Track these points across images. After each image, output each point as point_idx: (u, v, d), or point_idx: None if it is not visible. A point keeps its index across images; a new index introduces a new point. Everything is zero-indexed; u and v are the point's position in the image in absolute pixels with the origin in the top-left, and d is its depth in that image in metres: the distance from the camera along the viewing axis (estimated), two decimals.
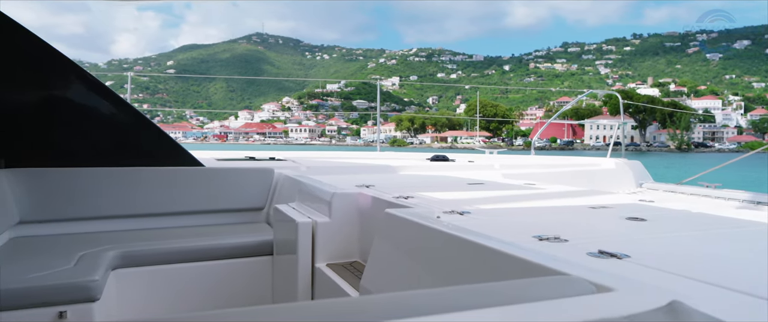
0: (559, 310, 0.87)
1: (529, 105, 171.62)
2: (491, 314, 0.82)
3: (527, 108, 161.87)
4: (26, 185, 3.23)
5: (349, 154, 6.13)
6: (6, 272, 2.49)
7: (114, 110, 3.58)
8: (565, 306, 0.89)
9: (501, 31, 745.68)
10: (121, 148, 3.61)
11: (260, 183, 3.82)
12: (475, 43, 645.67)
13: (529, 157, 5.60)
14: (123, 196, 3.48)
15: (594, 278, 1.04)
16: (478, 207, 2.17)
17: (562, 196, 2.80)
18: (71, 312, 2.40)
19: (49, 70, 3.42)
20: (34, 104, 3.41)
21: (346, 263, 2.58)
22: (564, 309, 0.87)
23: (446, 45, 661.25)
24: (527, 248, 1.38)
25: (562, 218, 1.98)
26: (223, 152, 5.19)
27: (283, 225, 2.89)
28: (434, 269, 1.60)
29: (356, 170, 4.31)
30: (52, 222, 3.30)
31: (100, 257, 2.79)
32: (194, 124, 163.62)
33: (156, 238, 3.19)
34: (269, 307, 0.85)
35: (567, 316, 0.84)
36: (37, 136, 3.41)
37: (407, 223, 1.79)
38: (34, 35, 3.33)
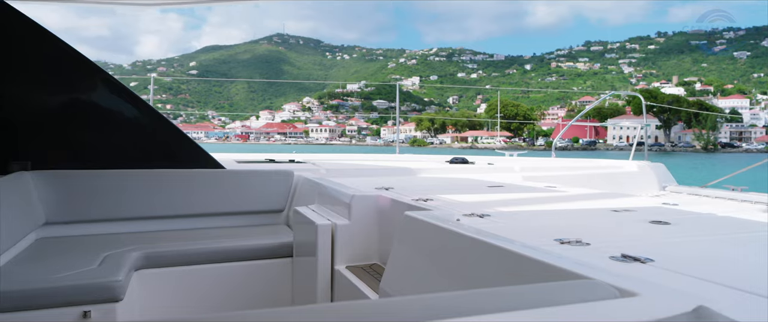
0: (583, 314, 0.85)
1: (551, 105, 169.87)
2: (513, 318, 0.81)
3: (549, 108, 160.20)
4: (52, 187, 3.30)
5: (368, 156, 6.14)
6: (32, 272, 2.55)
7: (137, 113, 3.64)
8: (589, 311, 0.87)
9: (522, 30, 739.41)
10: (144, 151, 3.67)
11: (280, 185, 3.85)
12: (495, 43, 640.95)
13: (549, 160, 5.55)
14: (145, 197, 3.53)
15: (617, 283, 1.02)
16: (498, 210, 2.15)
17: (584, 199, 2.76)
18: (95, 312, 2.45)
19: (74, 74, 3.49)
20: (59, 107, 3.49)
21: (365, 266, 2.58)
22: (587, 314, 0.85)
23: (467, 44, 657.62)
24: (549, 251, 1.36)
25: (583, 222, 1.95)
26: (243, 155, 5.23)
27: (303, 227, 2.91)
28: (454, 272, 1.59)
29: (375, 173, 4.31)
30: (77, 223, 3.37)
31: (124, 257, 2.82)
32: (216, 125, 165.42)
33: (178, 239, 3.23)
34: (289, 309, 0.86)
35: (591, 321, 0.83)
36: (63, 139, 3.49)
37: (427, 226, 1.79)
38: (59, 40, 3.41)
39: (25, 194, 3.15)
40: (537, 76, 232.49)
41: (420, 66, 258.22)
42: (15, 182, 3.08)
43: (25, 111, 3.38)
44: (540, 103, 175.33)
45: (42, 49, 3.39)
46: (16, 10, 3.29)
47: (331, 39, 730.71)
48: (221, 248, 3.17)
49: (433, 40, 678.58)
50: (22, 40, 3.32)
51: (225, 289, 3.13)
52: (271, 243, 3.27)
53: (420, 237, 1.83)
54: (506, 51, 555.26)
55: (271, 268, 3.22)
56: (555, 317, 0.83)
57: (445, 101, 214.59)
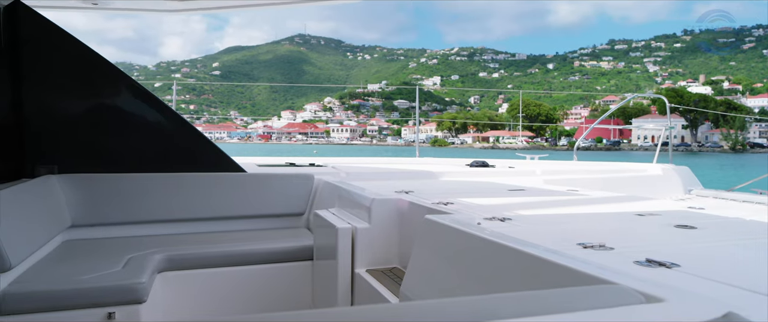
0: (608, 320, 0.84)
1: (574, 104, 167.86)
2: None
3: (572, 107, 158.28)
4: (78, 190, 3.37)
5: (388, 160, 6.14)
6: (59, 274, 2.60)
7: (160, 117, 3.69)
8: (615, 316, 0.85)
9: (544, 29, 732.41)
10: (167, 155, 3.73)
11: (300, 189, 3.88)
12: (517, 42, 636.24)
13: (571, 163, 5.48)
14: (168, 201, 3.59)
15: (643, 288, 1.01)
16: (519, 213, 2.13)
17: (607, 202, 2.75)
18: (120, 313, 2.48)
19: (99, 79, 3.57)
20: (84, 112, 3.56)
21: (385, 269, 2.58)
22: (612, 320, 0.84)
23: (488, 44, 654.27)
24: (572, 256, 1.34)
25: (607, 226, 1.92)
26: (264, 158, 5.28)
27: (323, 230, 2.93)
28: (475, 276, 1.58)
29: (395, 176, 4.31)
30: (101, 226, 3.44)
31: (147, 260, 2.85)
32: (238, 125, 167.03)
33: (200, 242, 3.28)
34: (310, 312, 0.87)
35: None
36: (88, 143, 3.56)
37: (447, 229, 1.78)
38: (85, 45, 3.48)
39: (52, 197, 3.23)
40: (560, 76, 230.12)
41: (441, 66, 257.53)
42: (42, 185, 3.16)
43: (52, 116, 3.46)
44: (563, 102, 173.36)
45: (68, 55, 3.47)
46: (42, 16, 3.38)
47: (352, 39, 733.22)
48: (242, 251, 3.20)
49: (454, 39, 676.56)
50: (48, 46, 3.40)
51: (246, 292, 3.17)
52: (291, 246, 3.30)
53: (440, 241, 1.82)
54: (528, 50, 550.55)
55: (292, 271, 3.25)
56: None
57: (467, 101, 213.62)
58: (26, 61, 3.34)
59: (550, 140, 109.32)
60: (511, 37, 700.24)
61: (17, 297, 2.36)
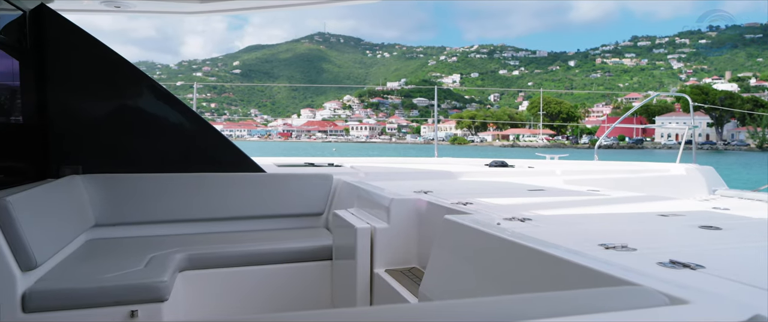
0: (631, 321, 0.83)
1: (596, 102, 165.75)
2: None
3: (593, 105, 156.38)
4: (101, 190, 3.44)
5: (407, 159, 6.14)
6: (82, 272, 2.65)
7: (181, 118, 3.74)
8: (638, 318, 0.84)
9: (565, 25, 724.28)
10: (188, 155, 3.78)
11: (319, 189, 3.89)
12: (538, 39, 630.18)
13: (592, 163, 5.41)
14: (189, 201, 3.63)
15: (667, 290, 0.99)
16: (539, 214, 2.11)
17: (629, 202, 2.72)
18: (142, 311, 2.53)
19: (121, 80, 3.63)
20: (108, 114, 3.63)
21: (404, 269, 2.58)
22: (636, 321, 0.83)
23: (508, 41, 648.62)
24: (593, 256, 1.33)
25: (629, 226, 1.89)
26: (283, 159, 5.32)
27: (342, 230, 2.94)
28: (495, 277, 1.57)
29: (414, 176, 4.31)
30: (124, 225, 3.50)
31: (169, 259, 2.89)
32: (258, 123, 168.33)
33: (220, 241, 3.31)
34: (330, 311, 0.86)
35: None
36: (111, 144, 3.62)
37: (467, 229, 1.77)
38: (107, 48, 3.54)
39: (76, 197, 3.29)
40: (581, 73, 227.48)
41: (460, 63, 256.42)
42: (67, 185, 3.22)
43: (76, 117, 3.53)
44: (584, 100, 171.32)
45: (91, 57, 3.53)
46: (66, 19, 3.44)
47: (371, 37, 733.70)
48: (262, 251, 3.23)
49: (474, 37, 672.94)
50: (72, 48, 3.47)
51: (266, 291, 3.19)
52: (310, 246, 3.32)
53: (460, 241, 1.82)
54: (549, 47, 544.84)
55: (311, 270, 3.27)
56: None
57: (486, 99, 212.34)
58: (51, 64, 3.41)
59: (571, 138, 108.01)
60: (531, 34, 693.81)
61: (43, 295, 2.42)
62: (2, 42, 3.01)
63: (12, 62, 3.16)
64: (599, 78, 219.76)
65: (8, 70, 3.14)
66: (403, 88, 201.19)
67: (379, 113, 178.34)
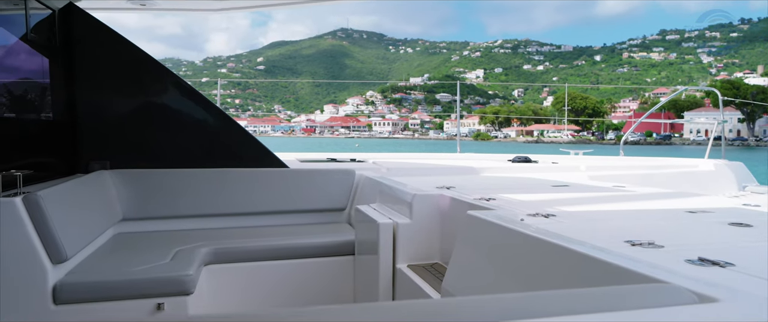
0: (659, 320, 0.81)
1: (622, 97, 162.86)
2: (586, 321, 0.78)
3: (620, 100, 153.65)
4: (128, 185, 3.51)
5: (429, 155, 6.13)
6: (111, 266, 2.72)
7: (206, 115, 3.80)
8: (666, 316, 0.83)
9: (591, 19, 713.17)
10: (212, 151, 3.83)
11: (342, 184, 3.91)
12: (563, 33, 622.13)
13: (617, 159, 5.33)
14: (213, 195, 3.69)
15: (696, 287, 0.97)
16: (563, 210, 2.09)
17: (656, 198, 2.67)
18: (168, 304, 2.57)
19: (148, 77, 3.69)
20: (134, 110, 3.70)
21: (426, 265, 2.58)
22: (664, 319, 0.82)
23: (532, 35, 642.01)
24: (619, 253, 1.31)
25: (656, 223, 1.86)
26: (306, 154, 5.35)
27: (365, 226, 2.95)
28: (518, 273, 1.55)
29: (436, 172, 4.30)
30: (150, 219, 3.57)
31: (194, 253, 2.93)
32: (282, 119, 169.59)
33: (244, 236, 3.35)
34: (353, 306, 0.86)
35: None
36: (138, 139, 3.69)
37: (490, 225, 1.76)
38: (134, 45, 3.61)
39: (105, 191, 3.36)
40: (607, 68, 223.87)
41: (484, 58, 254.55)
42: (96, 180, 3.29)
43: (104, 113, 3.61)
44: (610, 95, 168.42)
45: (118, 55, 3.60)
46: (93, 17, 3.51)
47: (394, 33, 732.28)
48: (285, 246, 3.26)
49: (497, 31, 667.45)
50: (100, 46, 3.54)
51: (289, 285, 3.22)
52: (333, 241, 3.33)
53: (483, 237, 1.81)
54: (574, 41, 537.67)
55: (334, 265, 3.28)
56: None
57: (510, 94, 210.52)
58: (79, 61, 3.49)
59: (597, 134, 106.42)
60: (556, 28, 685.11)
61: (72, 287, 2.47)
62: (33, 40, 3.09)
63: (42, 60, 3.24)
64: (626, 73, 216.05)
65: (39, 68, 3.22)
66: (425, 84, 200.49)
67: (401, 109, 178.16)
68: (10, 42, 2.92)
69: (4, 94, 2.90)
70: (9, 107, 2.95)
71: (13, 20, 2.91)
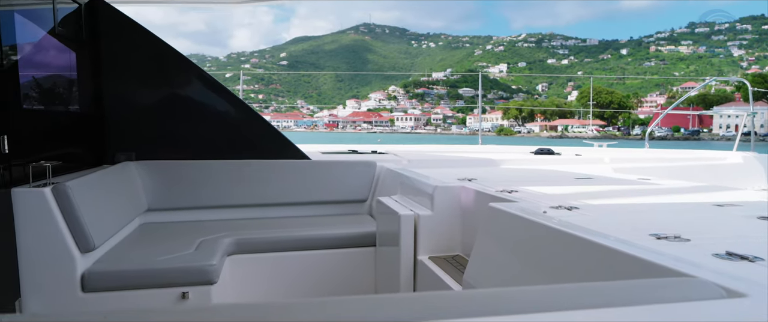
0: (687, 314, 0.79)
1: (649, 91, 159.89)
2: (608, 315, 0.77)
3: (647, 95, 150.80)
4: (153, 176, 3.57)
5: (451, 147, 6.09)
6: (137, 255, 2.78)
7: (229, 107, 3.84)
8: (693, 310, 0.81)
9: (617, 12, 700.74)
10: (235, 142, 3.87)
11: (363, 176, 3.92)
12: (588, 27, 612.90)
13: (642, 151, 5.23)
14: (236, 186, 3.73)
15: (723, 282, 0.95)
16: (587, 202, 2.06)
17: (682, 191, 2.64)
18: (193, 293, 2.63)
19: (172, 70, 3.75)
20: (159, 102, 3.76)
21: (448, 257, 2.59)
22: (691, 314, 0.80)
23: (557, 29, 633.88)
24: (644, 246, 1.29)
25: (682, 216, 1.82)
26: (327, 146, 5.37)
27: (386, 217, 2.95)
28: (541, 266, 1.54)
29: (458, 164, 4.28)
30: (174, 210, 3.63)
31: (217, 243, 2.98)
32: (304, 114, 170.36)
33: (266, 227, 3.39)
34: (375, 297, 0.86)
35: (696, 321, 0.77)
36: (162, 131, 3.75)
37: (512, 217, 1.75)
38: (158, 39, 3.66)
39: (131, 182, 3.43)
40: (634, 62, 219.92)
41: (507, 53, 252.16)
42: (122, 171, 3.36)
43: (129, 105, 3.68)
44: (637, 89, 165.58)
45: (143, 48, 3.66)
46: (118, 11, 3.57)
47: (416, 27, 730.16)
48: (307, 237, 3.29)
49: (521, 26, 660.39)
50: (125, 39, 3.61)
51: (311, 276, 3.25)
52: (354, 232, 3.35)
53: (505, 229, 1.80)
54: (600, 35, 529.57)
55: (355, 256, 3.30)
56: (657, 316, 0.78)
57: (534, 89, 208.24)
58: (105, 54, 3.56)
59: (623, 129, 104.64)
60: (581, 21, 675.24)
61: (100, 276, 2.54)
62: (60, 34, 3.15)
63: (70, 54, 3.30)
64: (653, 67, 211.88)
65: (66, 62, 3.29)
66: (448, 79, 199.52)
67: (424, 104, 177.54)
68: (39, 36, 2.97)
69: (33, 88, 2.93)
70: (38, 100, 3.02)
71: (41, 15, 2.97)
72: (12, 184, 2.47)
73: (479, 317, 0.76)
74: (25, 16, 2.77)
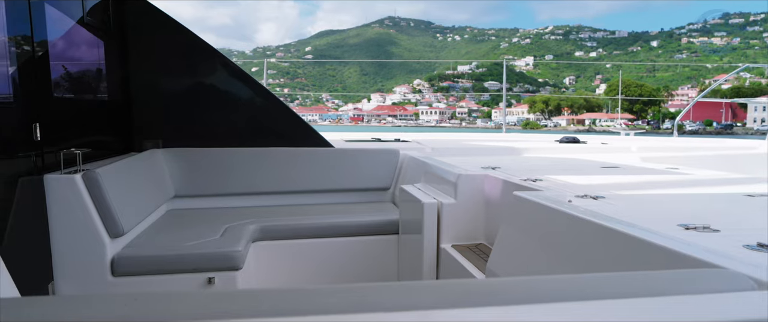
0: (715, 306, 0.77)
1: (681, 84, 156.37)
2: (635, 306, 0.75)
3: (677, 88, 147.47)
4: (179, 163, 3.64)
5: (474, 136, 6.05)
6: (164, 241, 2.83)
7: (254, 95, 3.88)
8: (723, 302, 0.79)
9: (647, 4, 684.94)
10: (259, 130, 3.92)
11: (386, 164, 3.92)
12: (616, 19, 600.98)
13: (670, 140, 5.11)
14: (261, 174, 3.77)
15: (754, 273, 0.93)
16: (613, 192, 2.03)
17: (712, 181, 2.60)
18: (219, 278, 2.68)
19: (198, 59, 3.79)
20: (185, 90, 3.81)
21: (471, 245, 2.59)
22: (720, 305, 0.77)
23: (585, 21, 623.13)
24: (672, 236, 1.26)
25: (712, 206, 1.78)
26: (351, 134, 5.39)
27: (409, 205, 2.95)
28: (566, 256, 1.53)
29: (481, 152, 4.25)
30: (200, 197, 3.69)
31: (243, 229, 3.02)
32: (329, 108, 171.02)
33: (290, 214, 3.42)
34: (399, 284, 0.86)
35: (725, 313, 0.75)
36: (188, 119, 3.81)
37: (537, 206, 1.74)
38: (185, 28, 3.71)
39: (158, 169, 3.49)
40: (665, 54, 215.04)
41: (534, 46, 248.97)
42: (149, 158, 3.42)
43: (156, 94, 3.74)
44: (668, 82, 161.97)
45: (169, 37, 3.71)
46: (148, 2, 3.63)
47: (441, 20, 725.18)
48: (330, 224, 3.30)
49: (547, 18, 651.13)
50: (152, 29, 3.67)
51: (334, 263, 3.27)
52: (377, 220, 3.35)
53: (529, 218, 1.79)
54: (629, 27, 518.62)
55: (378, 244, 3.30)
56: (685, 308, 0.75)
57: (561, 82, 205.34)
58: (132, 43, 3.62)
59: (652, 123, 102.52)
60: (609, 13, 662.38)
61: (128, 261, 2.59)
62: (89, 24, 3.21)
63: (98, 43, 3.37)
64: (685, 59, 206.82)
65: (95, 51, 3.35)
66: (473, 72, 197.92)
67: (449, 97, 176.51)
68: (69, 26, 3.03)
69: (64, 77, 2.99)
70: (69, 89, 3.08)
71: (71, 5, 3.03)
72: (44, 170, 2.53)
73: (504, 305, 0.75)
74: (56, 6, 2.81)
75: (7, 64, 2.30)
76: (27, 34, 2.47)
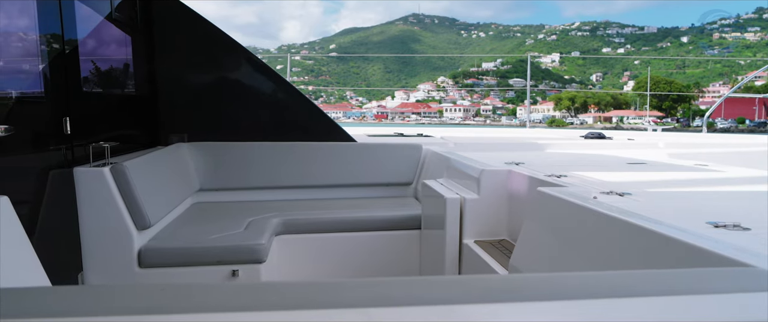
0: (744, 305, 0.76)
1: (712, 81, 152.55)
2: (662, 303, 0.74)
3: (709, 85, 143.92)
4: (204, 157, 3.68)
5: (498, 131, 5.99)
6: (189, 233, 2.87)
7: (277, 90, 3.91)
8: (752, 301, 0.77)
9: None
10: (283, 125, 3.95)
11: (409, 159, 3.91)
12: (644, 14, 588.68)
13: (699, 136, 4.98)
14: (284, 168, 3.80)
15: None
16: (639, 189, 2.00)
17: (742, 179, 2.56)
18: (243, 271, 2.72)
19: (222, 54, 3.84)
20: (210, 85, 3.86)
21: (494, 241, 2.58)
22: (750, 304, 0.76)
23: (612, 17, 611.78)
24: (700, 234, 1.24)
25: (742, 204, 1.74)
26: (374, 129, 5.39)
27: (432, 200, 2.94)
28: (590, 253, 1.51)
29: (505, 148, 4.21)
30: (224, 190, 3.73)
31: (266, 223, 3.05)
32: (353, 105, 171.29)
33: (313, 208, 3.44)
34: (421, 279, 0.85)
35: (755, 313, 0.73)
36: (213, 113, 3.86)
37: (561, 202, 1.72)
38: (210, 24, 3.75)
39: (183, 163, 3.54)
40: (695, 50, 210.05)
41: (560, 42, 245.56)
42: (175, 152, 3.47)
43: (182, 89, 3.80)
44: (699, 79, 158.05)
45: (195, 33, 3.76)
46: (178, 0, 3.68)
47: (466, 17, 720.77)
48: (353, 218, 3.31)
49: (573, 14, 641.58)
50: (178, 24, 3.72)
51: (356, 257, 3.27)
52: (399, 215, 3.35)
53: (553, 214, 1.77)
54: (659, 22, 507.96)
55: (400, 239, 3.30)
56: (713, 306, 0.74)
57: (588, 79, 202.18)
58: (158, 39, 3.67)
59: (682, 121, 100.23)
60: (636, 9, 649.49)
61: (155, 252, 2.64)
62: (117, 19, 3.27)
63: (126, 38, 3.43)
64: (716, 55, 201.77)
65: (123, 46, 3.41)
66: (498, 69, 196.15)
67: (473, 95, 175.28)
68: (97, 22, 3.09)
69: (92, 72, 3.06)
70: (97, 84, 3.15)
71: (99, 2, 3.09)
72: (74, 163, 2.58)
73: (527, 301, 0.75)
74: (85, 2, 2.85)
75: (38, 60, 2.36)
76: (57, 32, 2.52)
